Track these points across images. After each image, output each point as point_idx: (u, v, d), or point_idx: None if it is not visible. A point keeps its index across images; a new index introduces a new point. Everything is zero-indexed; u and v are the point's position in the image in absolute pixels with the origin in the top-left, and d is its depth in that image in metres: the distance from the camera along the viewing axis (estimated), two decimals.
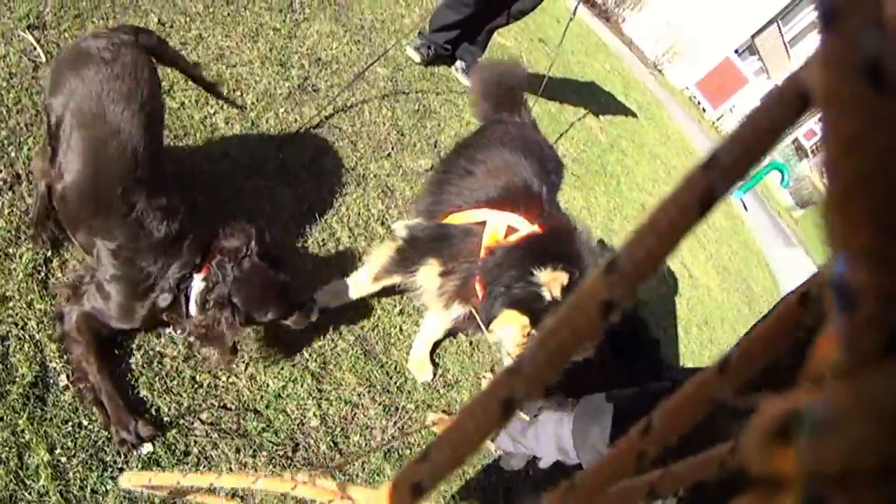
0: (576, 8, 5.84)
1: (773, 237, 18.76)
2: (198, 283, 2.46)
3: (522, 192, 2.87)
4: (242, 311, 2.46)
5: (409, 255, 2.95)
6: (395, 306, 3.47)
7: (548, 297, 2.44)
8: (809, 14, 31.06)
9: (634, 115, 10.81)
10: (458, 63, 5.88)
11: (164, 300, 2.43)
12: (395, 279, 3.09)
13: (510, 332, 2.57)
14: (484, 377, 3.56)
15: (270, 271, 2.55)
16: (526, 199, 2.84)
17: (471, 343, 3.66)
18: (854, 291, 0.30)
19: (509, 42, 7.63)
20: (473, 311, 2.74)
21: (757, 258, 12.09)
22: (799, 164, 38.03)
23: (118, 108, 2.24)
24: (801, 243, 26.61)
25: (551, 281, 2.44)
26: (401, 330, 3.40)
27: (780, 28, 30.06)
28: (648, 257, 0.41)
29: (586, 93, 9.13)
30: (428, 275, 2.88)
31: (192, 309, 2.46)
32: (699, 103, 29.25)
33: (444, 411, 3.36)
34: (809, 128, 24.02)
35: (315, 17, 4.72)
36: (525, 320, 2.50)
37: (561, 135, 6.86)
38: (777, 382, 0.40)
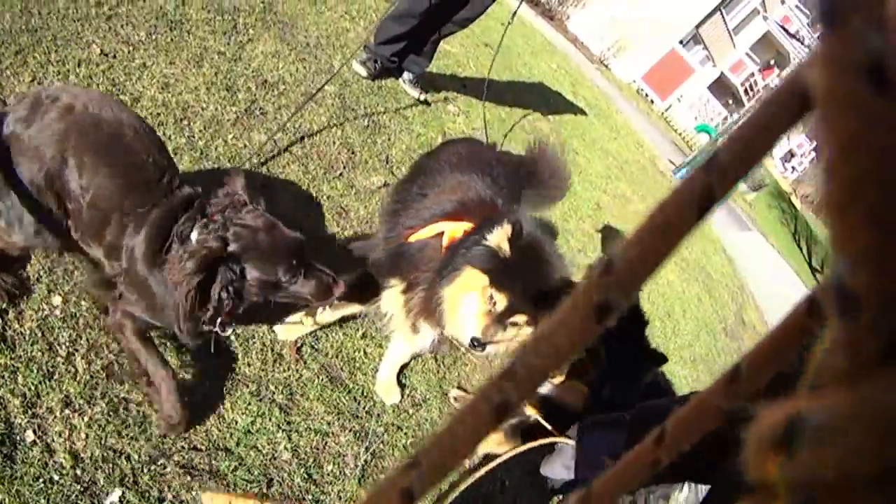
0: (515, 11, 5.89)
1: (727, 222, 19.00)
2: (197, 228, 2.29)
3: (477, 204, 2.89)
4: (247, 268, 2.28)
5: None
6: (358, 330, 3.44)
7: (501, 254, 2.52)
8: (752, 1, 31.60)
9: (584, 113, 10.88)
10: (406, 75, 5.84)
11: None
12: (356, 308, 3.07)
13: (472, 300, 2.57)
14: (453, 396, 3.54)
15: (279, 224, 2.40)
16: (481, 209, 2.85)
17: (436, 359, 3.64)
18: (854, 295, 0.30)
19: (455, 48, 7.63)
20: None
21: (714, 245, 12.27)
22: None
23: (111, 116, 2.27)
24: (755, 226, 27.04)
25: (500, 239, 2.51)
26: (365, 354, 3.37)
27: (723, 16, 30.48)
28: (645, 259, 0.41)
29: (535, 94, 9.19)
30: (391, 296, 2.86)
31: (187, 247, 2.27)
32: (647, 95, 29.57)
33: (460, 387, 3.40)
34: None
35: (259, 37, 4.67)
36: (485, 280, 2.53)
37: (510, 138, 6.87)
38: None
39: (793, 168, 67.21)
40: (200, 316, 2.29)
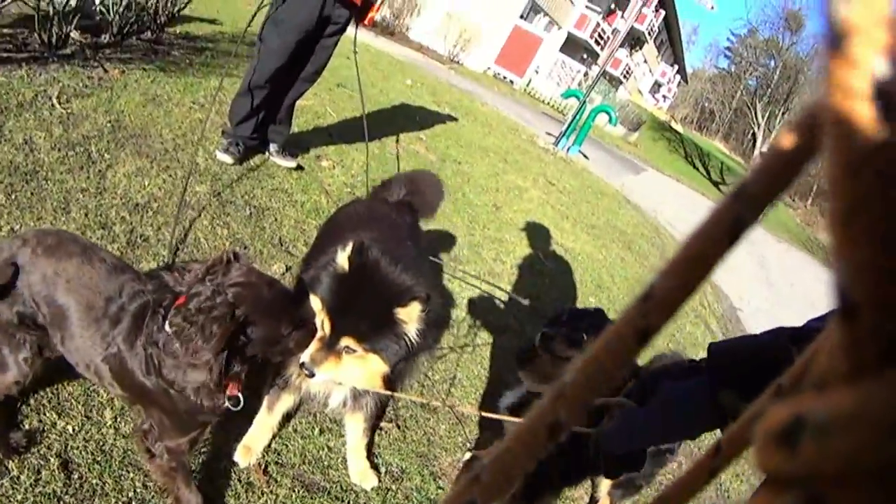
0: (355, 39, 5.97)
1: (620, 171, 19.42)
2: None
3: None
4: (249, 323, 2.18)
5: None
6: (314, 427, 3.36)
7: (340, 274, 2.58)
8: None
9: (452, 119, 10.98)
10: (271, 146, 5.77)
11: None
12: (290, 399, 3.04)
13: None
14: (467, 458, 3.52)
15: (265, 273, 2.32)
16: None
17: (399, 427, 3.62)
18: (855, 303, 0.32)
19: (309, 101, 7.54)
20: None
21: (615, 199, 12.54)
22: (617, 93, 39.41)
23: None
24: (648, 164, 27.63)
25: (342, 259, 2.58)
26: (329, 449, 3.30)
27: None
28: (682, 286, 0.44)
29: (400, 117, 9.25)
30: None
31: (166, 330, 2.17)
32: (505, 78, 29.98)
33: (470, 449, 3.47)
34: (614, 57, 25.09)
35: (117, 159, 4.55)
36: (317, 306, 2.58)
37: (390, 171, 6.89)
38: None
39: (663, 97, 69.01)
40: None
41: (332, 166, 6.18)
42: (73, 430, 2.65)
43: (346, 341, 2.54)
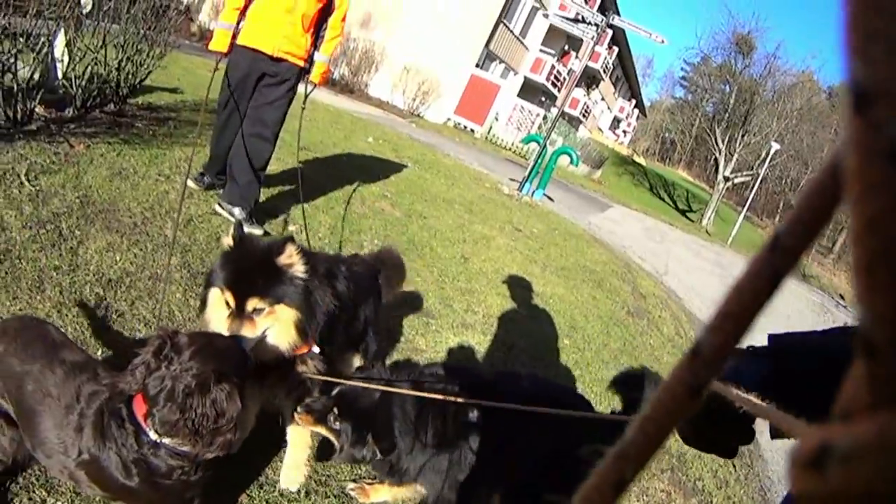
0: (306, 96, 6.11)
1: (587, 210, 19.58)
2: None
3: None
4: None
5: None
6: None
7: (227, 252, 2.89)
8: (526, 3, 32.91)
9: (415, 173, 11.09)
10: (237, 212, 5.78)
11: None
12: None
13: (217, 311, 2.84)
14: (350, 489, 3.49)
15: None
16: None
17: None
18: (876, 345, 0.33)
19: (273, 166, 7.50)
20: None
21: (583, 239, 12.68)
22: (577, 133, 39.90)
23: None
24: (614, 200, 27.88)
25: (226, 241, 2.90)
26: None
27: (507, 26, 31.68)
28: (727, 342, 0.45)
29: (364, 175, 9.32)
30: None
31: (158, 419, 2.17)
32: (465, 127, 30.22)
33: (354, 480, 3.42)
34: (572, 97, 25.49)
35: (87, 235, 4.57)
36: (219, 291, 2.81)
37: (357, 231, 6.96)
38: None
39: (623, 132, 69.84)
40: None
41: (299, 230, 6.24)
42: None
43: (251, 303, 2.75)
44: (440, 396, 2.88)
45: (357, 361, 3.79)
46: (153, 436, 2.18)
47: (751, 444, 1.26)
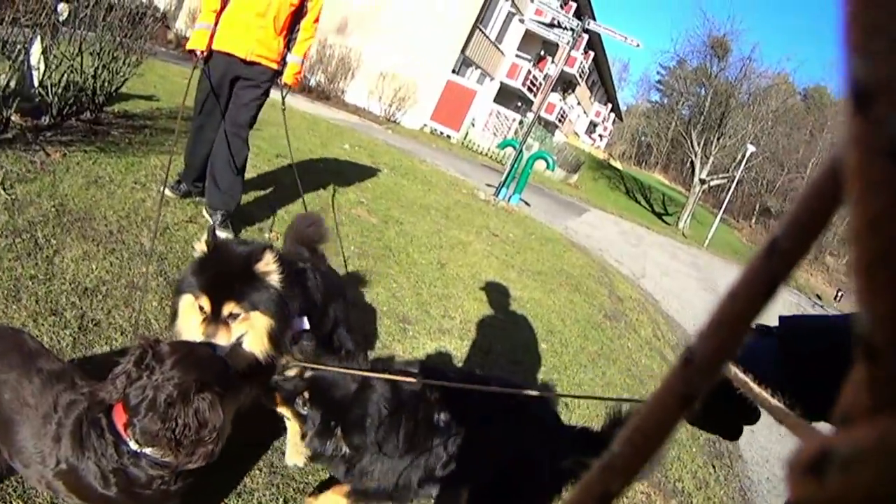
0: (283, 98, 6.21)
1: (563, 215, 19.64)
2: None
3: None
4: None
5: None
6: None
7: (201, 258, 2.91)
8: (503, 8, 33.01)
9: (392, 179, 11.11)
10: (218, 215, 5.87)
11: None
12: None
13: (190, 318, 2.87)
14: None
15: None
16: None
17: None
18: (876, 347, 0.33)
19: (248, 174, 7.54)
20: None
21: (560, 243, 12.75)
22: (553, 137, 40.01)
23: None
24: (589, 204, 28.00)
25: (201, 246, 2.91)
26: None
27: (483, 32, 31.72)
28: (721, 349, 0.44)
29: (340, 182, 9.35)
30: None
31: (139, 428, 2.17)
32: (442, 133, 30.26)
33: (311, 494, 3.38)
34: (548, 102, 25.43)
35: (63, 244, 4.56)
36: (191, 297, 2.85)
37: (335, 238, 6.96)
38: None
39: (600, 136, 70.04)
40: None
41: (275, 237, 6.25)
42: None
43: (227, 308, 2.77)
44: (411, 380, 2.88)
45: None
46: (133, 446, 2.18)
47: (756, 423, 1.25)
